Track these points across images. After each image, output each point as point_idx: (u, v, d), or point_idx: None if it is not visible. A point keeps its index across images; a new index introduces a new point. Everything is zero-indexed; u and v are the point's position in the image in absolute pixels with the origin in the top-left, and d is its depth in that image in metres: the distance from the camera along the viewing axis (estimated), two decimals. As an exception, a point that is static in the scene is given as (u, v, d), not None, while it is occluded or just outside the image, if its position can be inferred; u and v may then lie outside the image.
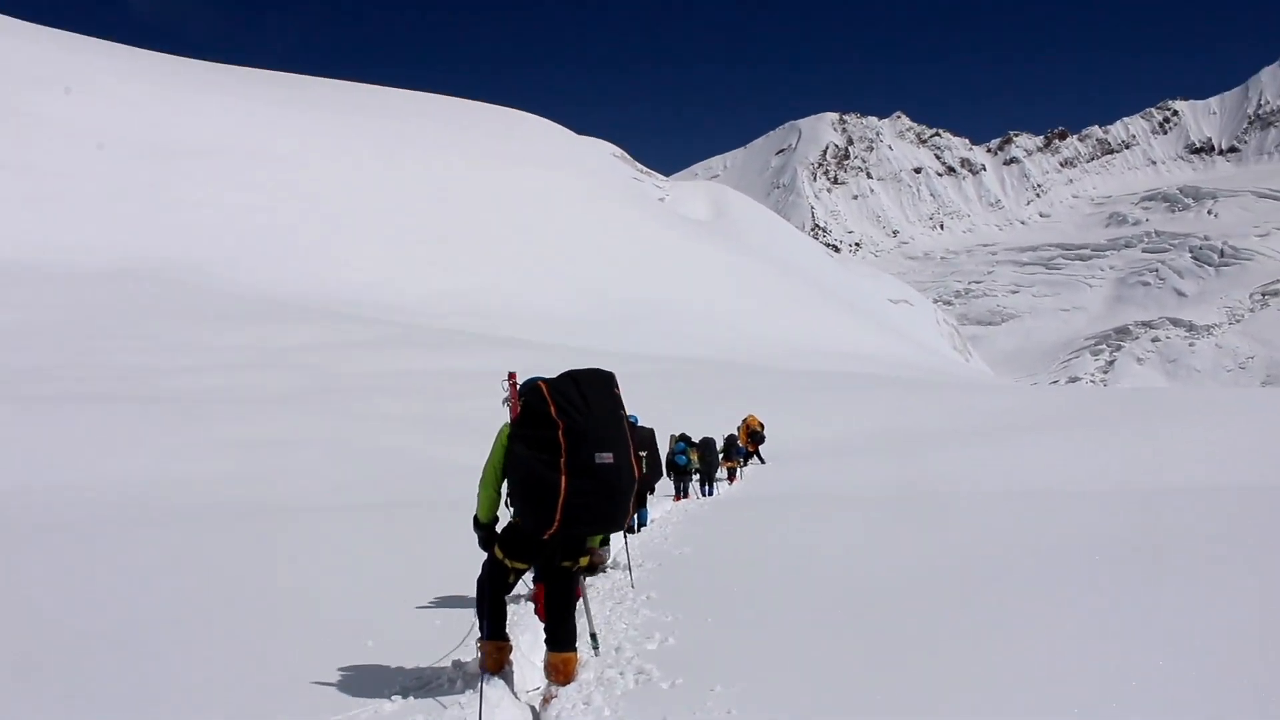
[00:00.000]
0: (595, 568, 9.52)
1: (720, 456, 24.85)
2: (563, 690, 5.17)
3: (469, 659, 5.58)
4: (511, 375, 5.64)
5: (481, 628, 5.55)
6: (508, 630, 5.72)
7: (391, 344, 56.63)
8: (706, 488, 23.65)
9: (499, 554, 5.51)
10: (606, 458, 5.14)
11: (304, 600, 8.34)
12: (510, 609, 7.50)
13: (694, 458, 21.62)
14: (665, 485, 21.34)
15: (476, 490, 5.53)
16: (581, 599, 6.06)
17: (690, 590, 7.98)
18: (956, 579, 7.52)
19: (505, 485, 5.45)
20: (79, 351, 43.20)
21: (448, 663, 5.74)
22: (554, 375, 5.54)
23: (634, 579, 8.77)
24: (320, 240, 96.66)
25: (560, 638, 5.43)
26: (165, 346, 47.61)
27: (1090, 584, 6.58)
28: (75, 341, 45.54)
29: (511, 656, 5.68)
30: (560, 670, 5.38)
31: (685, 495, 21.46)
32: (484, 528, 5.59)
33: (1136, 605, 5.85)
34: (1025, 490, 15.78)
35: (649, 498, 14.60)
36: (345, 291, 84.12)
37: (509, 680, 5.46)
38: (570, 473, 5.09)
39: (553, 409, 5.15)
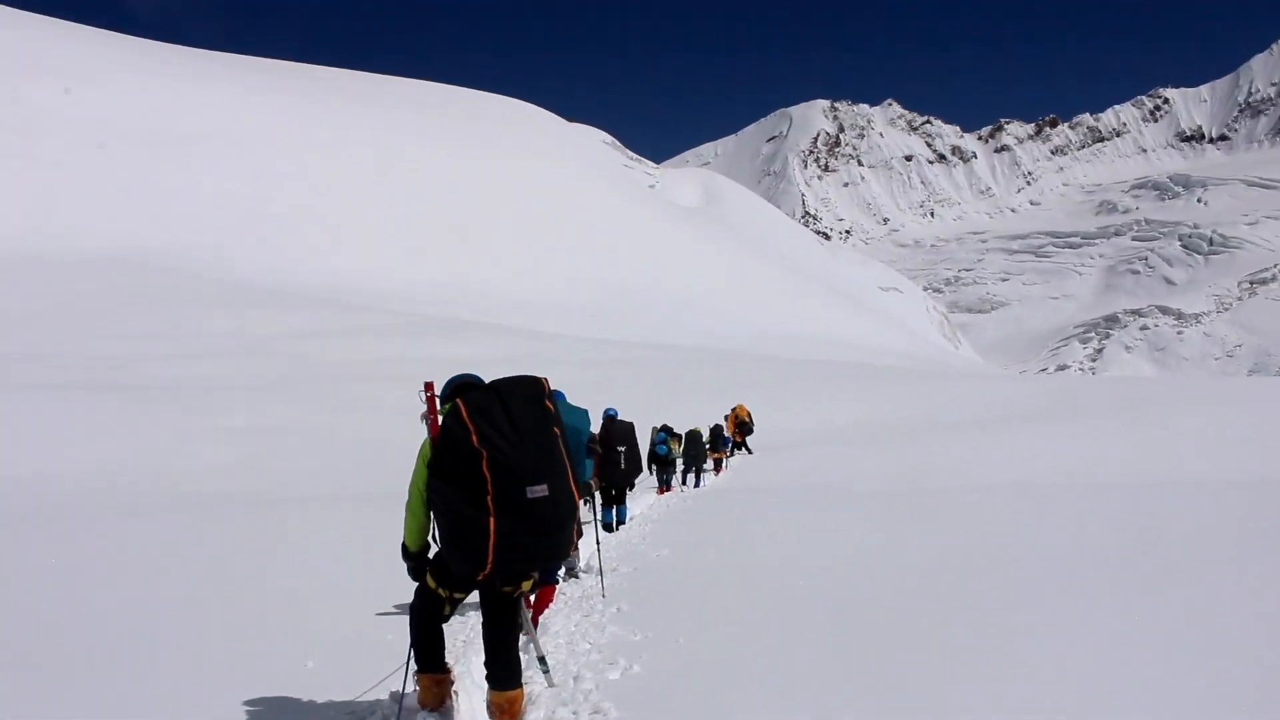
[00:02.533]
0: (535, 585, 8.97)
1: (706, 447, 24.33)
2: (508, 733, 4.52)
3: (411, 689, 4.98)
4: (429, 385, 4.87)
5: (417, 659, 4.90)
6: (450, 658, 5.13)
7: (378, 332, 56.06)
8: (694, 479, 23.18)
9: (432, 583, 4.84)
10: (540, 490, 4.44)
11: (256, 603, 7.83)
12: (460, 623, 7.00)
13: (675, 447, 21.08)
14: (649, 477, 20.88)
15: (404, 514, 4.84)
16: (525, 620, 5.46)
17: (664, 601, 7.44)
18: (950, 587, 7.05)
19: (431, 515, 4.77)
20: (64, 339, 42.61)
21: (385, 693, 5.19)
22: (474, 379, 4.91)
23: (605, 586, 8.24)
24: (308, 227, 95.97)
25: (502, 674, 4.74)
26: (150, 334, 47.01)
27: (1091, 590, 6.07)
28: (61, 329, 44.95)
29: (456, 688, 5.07)
30: (505, 711, 4.72)
31: (669, 488, 20.97)
32: (414, 557, 4.87)
33: (1136, 614, 5.35)
34: (1013, 483, 15.34)
35: (628, 493, 14.11)
36: (333, 279, 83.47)
37: (450, 717, 4.86)
38: (499, 511, 4.39)
39: (474, 436, 4.41)
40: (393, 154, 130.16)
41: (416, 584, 4.96)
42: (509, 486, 4.40)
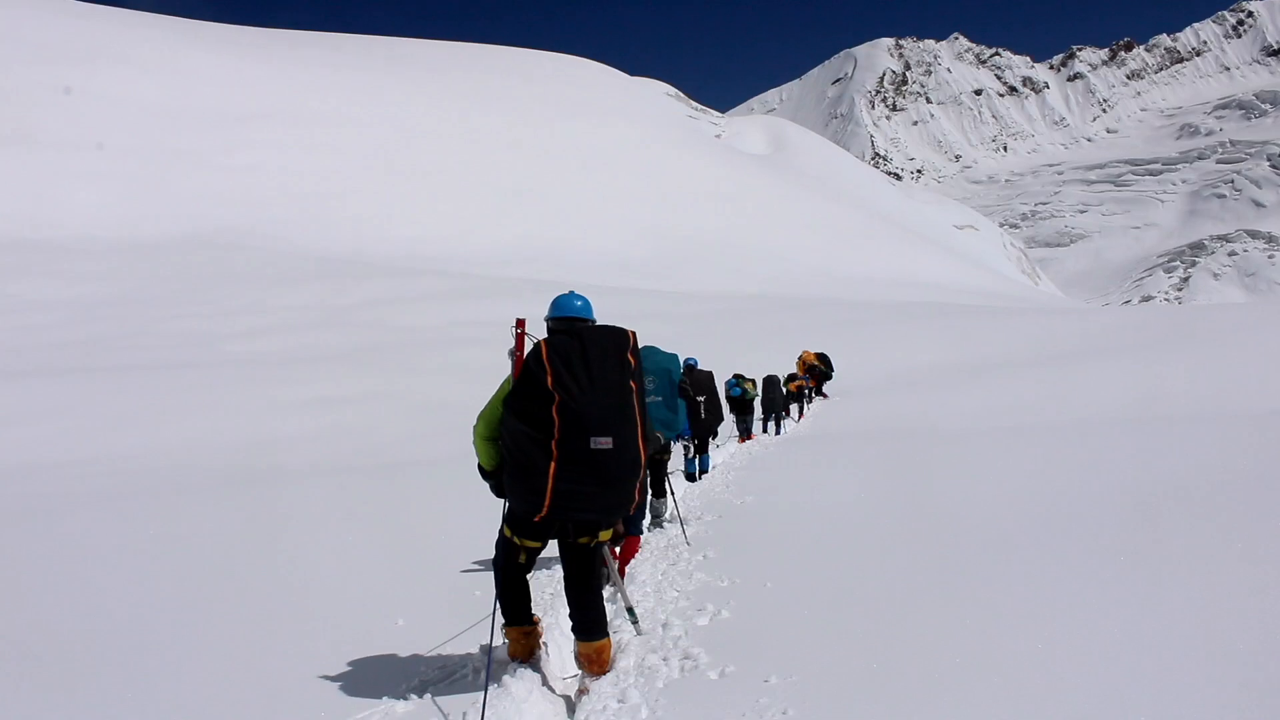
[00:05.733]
0: (619, 536, 8.96)
1: (784, 393, 24.19)
2: (597, 682, 4.53)
3: (500, 642, 4.99)
4: (520, 322, 4.90)
5: (503, 612, 4.86)
6: (539, 611, 5.13)
7: (451, 296, 56.49)
8: (774, 426, 23.09)
9: (507, 531, 4.79)
10: (604, 442, 4.44)
11: (347, 565, 7.91)
12: (549, 576, 7.01)
13: (749, 388, 20.92)
14: (730, 427, 20.83)
15: (472, 441, 4.87)
16: (611, 570, 5.45)
17: (749, 547, 7.39)
18: (1048, 527, 6.84)
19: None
20: (143, 321, 43.63)
21: (476, 647, 5.20)
22: (576, 315, 4.95)
23: (690, 535, 8.22)
24: (377, 198, 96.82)
25: (587, 624, 4.72)
26: (226, 311, 47.91)
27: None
28: (139, 312, 46.02)
29: (545, 639, 5.08)
30: (593, 660, 4.70)
31: (750, 436, 20.89)
32: (491, 475, 4.86)
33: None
34: (1086, 419, 15.03)
35: (711, 443, 14.06)
36: (404, 247, 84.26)
37: (540, 668, 4.81)
38: (561, 457, 4.42)
39: (549, 378, 4.43)
40: (454, 119, 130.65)
41: (498, 536, 4.92)
42: (575, 434, 4.42)
